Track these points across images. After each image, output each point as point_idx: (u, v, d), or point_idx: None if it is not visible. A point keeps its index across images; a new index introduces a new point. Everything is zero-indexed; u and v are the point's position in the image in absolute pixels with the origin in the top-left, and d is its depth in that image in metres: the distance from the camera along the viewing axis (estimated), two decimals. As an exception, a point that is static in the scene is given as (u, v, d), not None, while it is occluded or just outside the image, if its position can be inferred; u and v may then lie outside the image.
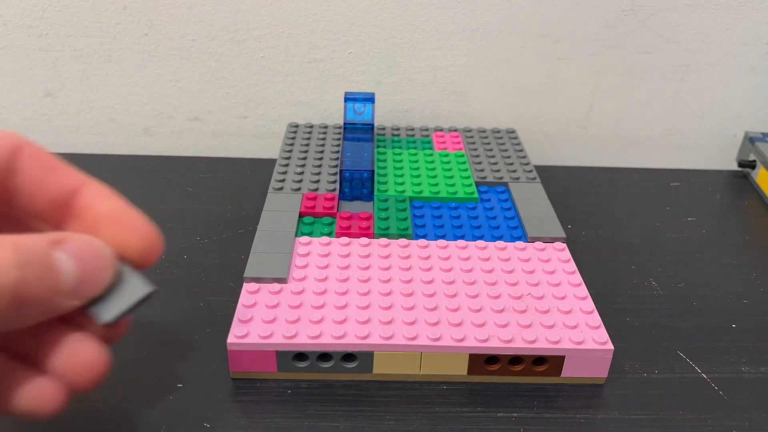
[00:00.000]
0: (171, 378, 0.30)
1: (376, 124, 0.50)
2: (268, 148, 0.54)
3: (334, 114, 0.53)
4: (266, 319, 0.30)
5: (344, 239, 0.36)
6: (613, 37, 0.51)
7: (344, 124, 0.45)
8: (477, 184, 0.42)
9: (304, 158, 0.45)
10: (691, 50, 0.51)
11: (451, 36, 0.51)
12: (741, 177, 0.51)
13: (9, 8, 0.48)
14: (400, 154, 0.46)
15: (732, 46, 0.51)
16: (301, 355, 0.29)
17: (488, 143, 0.48)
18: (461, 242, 0.36)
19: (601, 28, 0.50)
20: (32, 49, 0.50)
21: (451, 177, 0.43)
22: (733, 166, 0.53)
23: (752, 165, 0.50)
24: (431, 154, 0.46)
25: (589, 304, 0.32)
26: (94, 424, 0.28)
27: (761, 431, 0.29)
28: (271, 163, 0.50)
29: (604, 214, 0.45)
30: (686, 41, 0.51)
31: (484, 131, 0.50)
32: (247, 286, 0.32)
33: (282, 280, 0.32)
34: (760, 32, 0.51)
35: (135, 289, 0.23)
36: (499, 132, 0.50)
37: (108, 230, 0.23)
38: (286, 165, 0.44)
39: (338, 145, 0.47)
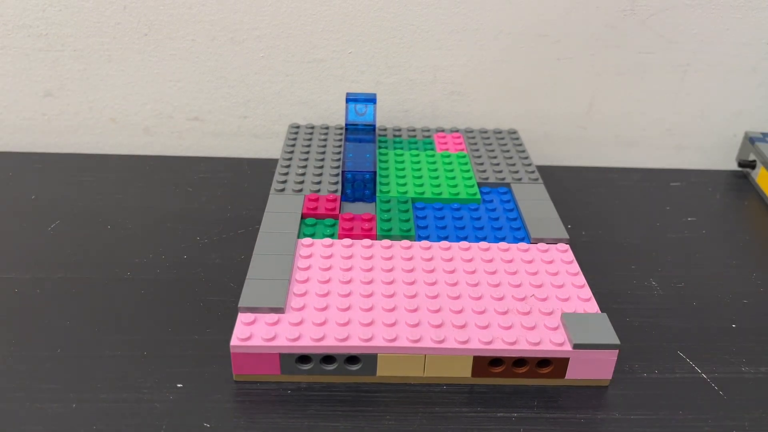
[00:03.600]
0: (171, 378, 0.30)
1: (377, 125, 0.50)
2: (268, 148, 0.54)
3: (334, 114, 0.53)
4: (269, 322, 0.30)
5: (346, 241, 0.36)
6: (613, 37, 0.51)
7: (346, 125, 0.45)
8: (479, 185, 0.43)
9: (306, 159, 0.45)
10: (691, 50, 0.51)
11: (451, 36, 0.51)
12: (741, 177, 0.51)
13: (9, 8, 0.48)
14: (401, 155, 0.46)
15: (732, 46, 0.51)
16: (304, 358, 0.29)
17: (490, 144, 0.48)
18: (464, 244, 0.36)
19: (601, 28, 0.50)
20: (32, 49, 0.50)
21: (454, 178, 0.43)
22: (733, 166, 0.53)
23: (752, 165, 0.50)
24: (433, 155, 0.46)
25: (593, 305, 0.32)
26: (93, 423, 0.28)
27: (761, 431, 0.29)
28: (271, 163, 0.50)
29: (604, 214, 0.45)
30: (686, 41, 0.51)
31: (485, 132, 0.50)
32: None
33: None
34: (760, 32, 0.51)
35: None
36: (501, 132, 0.50)
37: None
38: (288, 166, 0.44)
39: (340, 146, 0.47)
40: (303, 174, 0.43)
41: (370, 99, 0.45)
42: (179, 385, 0.30)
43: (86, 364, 0.31)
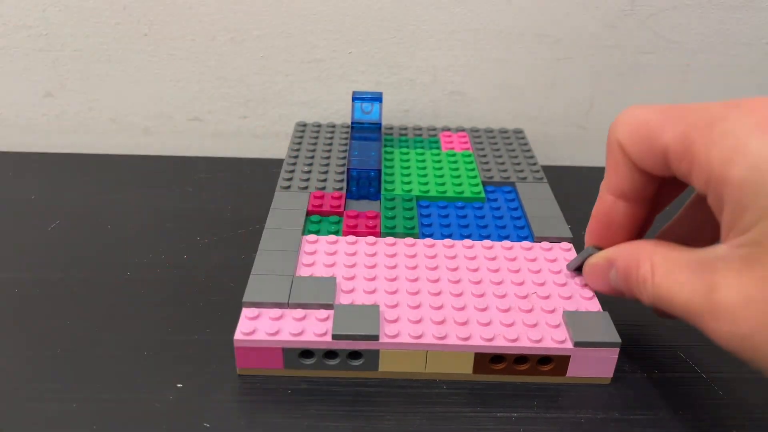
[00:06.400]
0: (171, 378, 0.30)
1: (383, 124, 0.50)
2: (268, 148, 0.54)
3: (333, 114, 0.53)
4: (273, 317, 0.30)
5: (351, 238, 0.36)
6: (613, 37, 0.51)
7: (352, 123, 0.45)
8: (484, 183, 0.43)
9: (312, 157, 0.45)
10: (691, 50, 0.51)
11: (451, 36, 0.51)
12: (740, 177, 0.51)
13: (9, 8, 0.48)
14: (407, 153, 0.46)
15: (732, 46, 0.51)
16: (307, 353, 0.29)
17: (496, 143, 0.48)
18: (467, 241, 0.36)
19: (601, 28, 0.51)
20: (32, 49, 0.50)
21: (458, 177, 0.43)
22: (733, 166, 0.53)
23: (751, 165, 0.50)
24: (438, 154, 0.46)
25: (595, 304, 0.32)
26: (93, 423, 0.28)
27: (761, 431, 0.29)
28: (271, 163, 0.50)
29: (604, 214, 0.45)
30: (686, 41, 0.51)
31: (491, 131, 0.50)
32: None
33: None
34: (760, 32, 0.51)
35: None
36: (506, 132, 0.50)
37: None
38: (294, 164, 0.44)
39: (346, 144, 0.47)
40: (309, 171, 0.43)
41: (376, 97, 0.45)
42: (179, 385, 0.30)
43: (86, 364, 0.31)
